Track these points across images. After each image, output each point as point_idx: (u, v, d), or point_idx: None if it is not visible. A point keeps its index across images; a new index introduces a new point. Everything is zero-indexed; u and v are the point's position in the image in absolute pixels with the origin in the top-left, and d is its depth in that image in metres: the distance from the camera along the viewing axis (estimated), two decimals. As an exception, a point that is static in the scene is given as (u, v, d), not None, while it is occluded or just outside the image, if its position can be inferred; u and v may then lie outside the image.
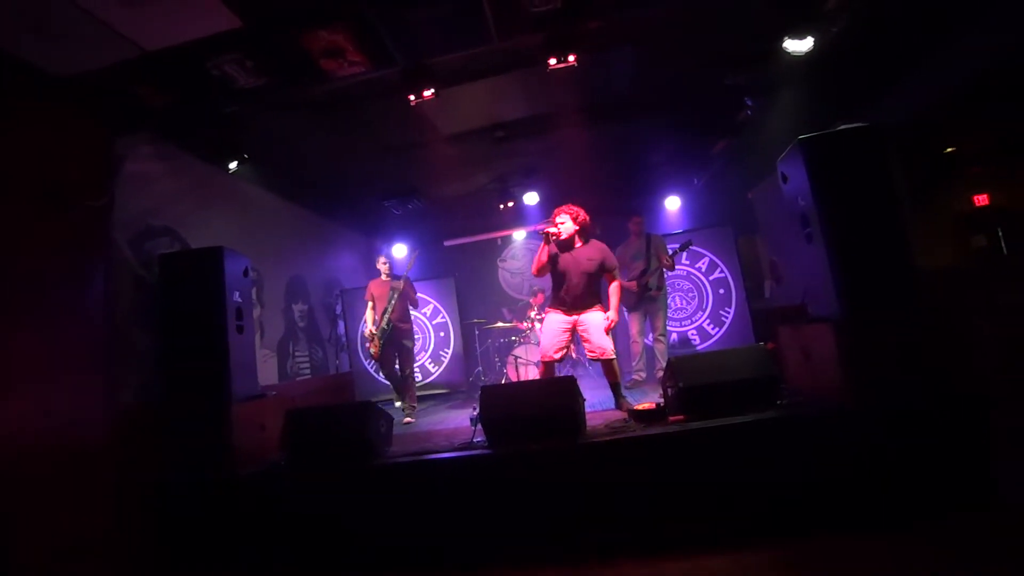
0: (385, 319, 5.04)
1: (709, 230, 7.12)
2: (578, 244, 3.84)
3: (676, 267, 5.74)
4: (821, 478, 2.57)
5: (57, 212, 3.10)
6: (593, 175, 6.56)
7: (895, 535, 2.35)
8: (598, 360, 3.85)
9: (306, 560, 2.91)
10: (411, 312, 5.45)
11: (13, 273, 2.82)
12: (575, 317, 3.84)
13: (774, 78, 4.34)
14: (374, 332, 5.05)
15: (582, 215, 3.83)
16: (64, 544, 2.75)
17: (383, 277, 5.29)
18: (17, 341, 2.78)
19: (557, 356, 3.83)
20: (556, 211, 3.86)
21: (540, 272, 3.82)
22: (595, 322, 3.78)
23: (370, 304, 5.20)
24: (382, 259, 5.40)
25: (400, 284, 5.12)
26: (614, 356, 3.81)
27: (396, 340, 5.13)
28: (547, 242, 3.74)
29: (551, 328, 3.87)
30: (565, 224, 3.78)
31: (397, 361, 5.21)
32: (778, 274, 6.80)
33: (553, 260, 3.80)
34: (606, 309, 3.85)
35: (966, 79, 4.26)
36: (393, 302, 5.07)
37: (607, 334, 3.79)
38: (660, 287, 5.44)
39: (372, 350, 5.14)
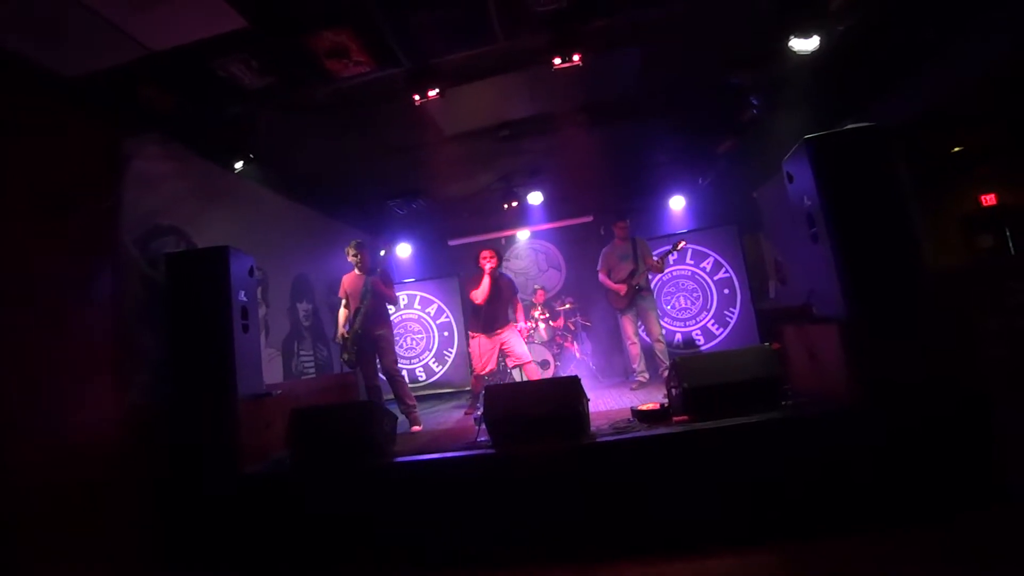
0: (358, 321, 4.58)
1: (714, 230, 7.11)
2: (497, 276, 4.96)
3: (666, 268, 5.94)
4: (826, 479, 2.56)
5: (64, 213, 3.12)
6: (598, 174, 6.55)
7: (900, 536, 2.33)
8: (518, 366, 5.08)
9: (310, 558, 2.92)
10: (390, 312, 4.99)
11: (21, 274, 2.84)
12: (499, 336, 4.92)
13: (780, 77, 4.32)
14: (346, 335, 4.62)
15: (496, 254, 4.97)
16: (69, 543, 2.77)
17: (356, 271, 4.78)
18: (25, 341, 2.80)
19: (488, 369, 4.93)
20: (482, 253, 4.91)
21: (485, 300, 4.83)
22: (515, 336, 4.97)
23: (344, 302, 4.77)
24: (351, 250, 4.76)
25: (375, 279, 4.62)
26: (531, 361, 5.00)
27: (370, 340, 4.65)
28: (491, 276, 4.81)
29: (484, 349, 4.91)
30: (494, 260, 4.87)
31: (378, 362, 4.74)
32: (783, 274, 6.77)
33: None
34: (516, 325, 5.08)
35: (974, 77, 4.22)
36: (366, 302, 4.60)
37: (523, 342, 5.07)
38: (648, 287, 5.59)
39: (345, 356, 4.64)
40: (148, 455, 3.22)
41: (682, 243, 5.86)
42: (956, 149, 6.14)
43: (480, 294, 4.82)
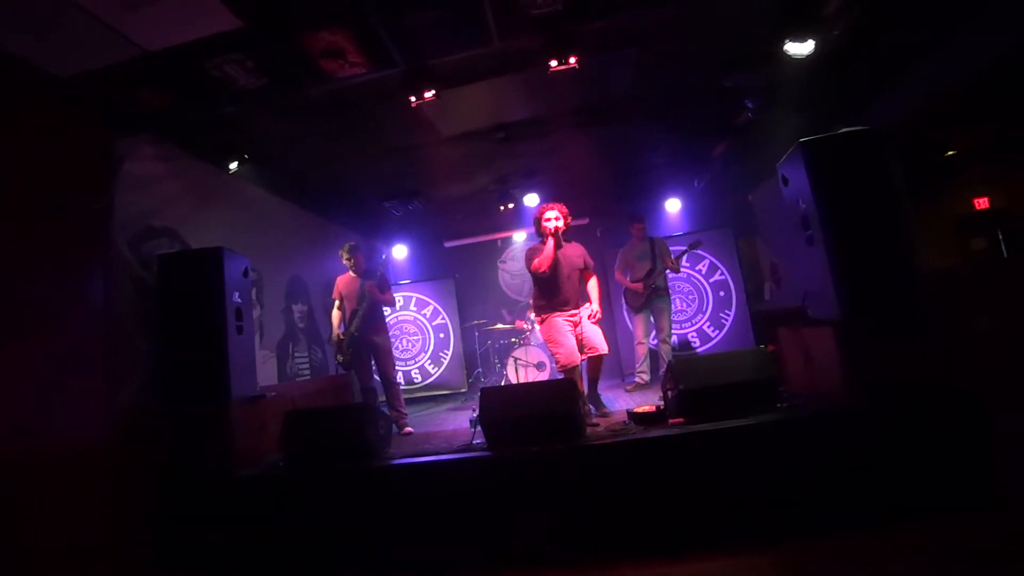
0: (354, 324, 4.57)
1: (709, 232, 7.12)
2: (564, 243, 3.91)
3: (680, 269, 5.87)
4: (822, 480, 2.56)
5: (57, 213, 3.09)
6: (594, 176, 6.56)
7: (896, 536, 2.34)
8: (594, 356, 3.90)
9: (304, 561, 2.90)
10: (387, 316, 4.93)
11: (13, 275, 2.81)
12: (575, 316, 3.92)
13: (775, 80, 4.34)
14: (341, 337, 4.62)
15: (567, 212, 3.89)
16: (64, 545, 2.74)
17: (351, 274, 4.78)
18: (17, 342, 2.77)
19: (581, 358, 3.84)
20: (544, 208, 3.89)
21: (549, 268, 3.80)
22: (590, 322, 3.91)
23: (337, 303, 4.74)
24: (345, 253, 4.77)
25: (371, 284, 4.59)
26: (607, 351, 3.92)
27: (367, 344, 4.63)
28: (554, 238, 3.78)
29: (563, 332, 3.84)
30: (560, 220, 3.82)
31: (374, 366, 4.72)
32: (778, 276, 6.79)
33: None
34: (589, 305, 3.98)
35: (967, 80, 4.25)
36: (364, 305, 4.59)
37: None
38: (666, 288, 5.59)
39: (340, 358, 4.62)
40: (141, 457, 3.19)
41: (699, 243, 5.81)
42: (950, 152, 6.18)
43: (544, 260, 3.79)
